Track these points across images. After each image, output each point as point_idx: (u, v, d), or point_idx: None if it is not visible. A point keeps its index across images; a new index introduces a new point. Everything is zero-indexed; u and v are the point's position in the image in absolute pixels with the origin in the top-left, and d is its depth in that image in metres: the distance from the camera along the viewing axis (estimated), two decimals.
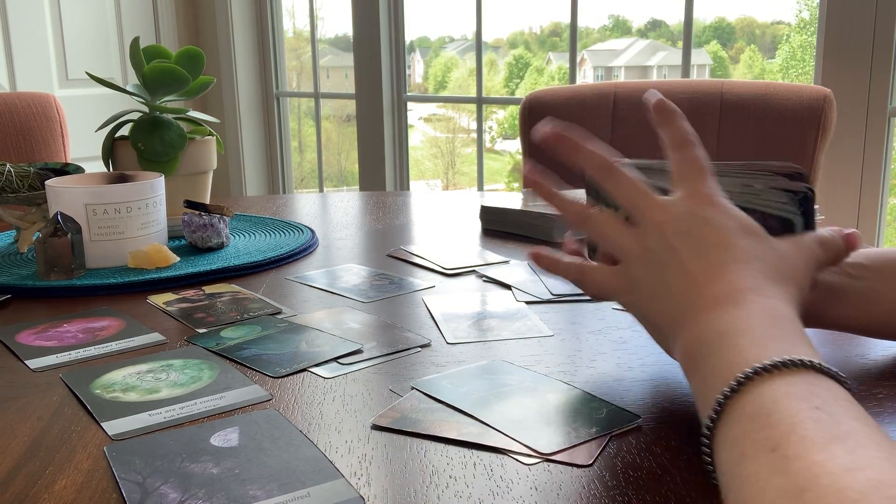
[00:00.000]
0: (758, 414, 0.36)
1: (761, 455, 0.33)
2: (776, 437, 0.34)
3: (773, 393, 0.36)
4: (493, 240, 1.01)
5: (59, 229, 0.81)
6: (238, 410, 0.52)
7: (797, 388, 0.36)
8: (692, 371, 0.43)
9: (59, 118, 1.61)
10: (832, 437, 0.32)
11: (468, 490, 0.42)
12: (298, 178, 3.37)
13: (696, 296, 0.45)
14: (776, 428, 0.34)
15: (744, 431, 0.36)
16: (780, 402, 0.36)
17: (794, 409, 0.35)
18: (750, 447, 0.34)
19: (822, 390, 0.36)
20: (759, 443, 0.34)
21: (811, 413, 0.34)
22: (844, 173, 1.86)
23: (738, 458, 0.35)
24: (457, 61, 3.72)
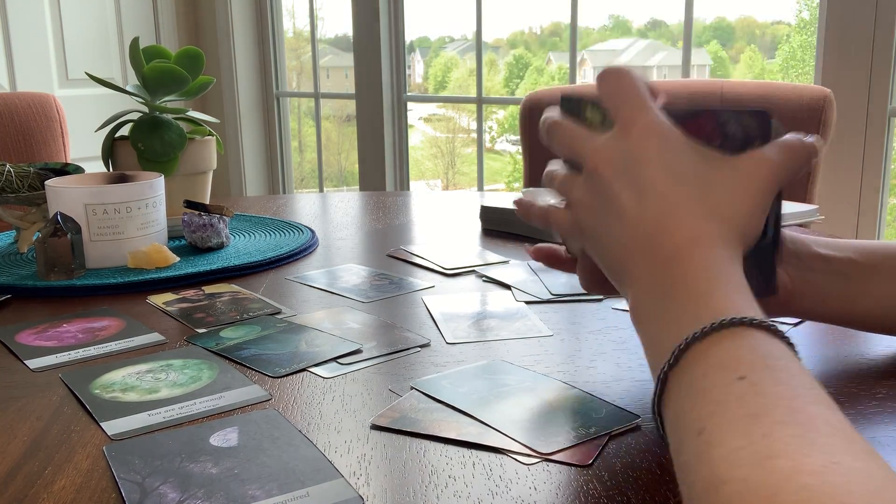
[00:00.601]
0: (689, 391, 0.36)
1: (692, 440, 0.33)
2: (702, 418, 0.34)
3: (704, 364, 0.36)
4: (493, 240, 1.01)
5: (59, 229, 0.81)
6: (237, 410, 0.52)
7: (724, 355, 0.36)
8: (640, 335, 0.44)
9: (59, 118, 1.61)
10: (752, 414, 0.32)
11: (467, 490, 0.42)
12: (298, 178, 3.37)
13: (637, 248, 0.44)
14: (703, 407, 0.34)
15: (680, 411, 0.36)
16: (709, 374, 0.36)
17: (719, 382, 0.35)
18: (684, 430, 0.35)
19: (748, 352, 0.36)
20: (690, 425, 0.34)
21: (735, 386, 0.34)
22: (844, 173, 1.86)
23: (677, 440, 0.35)
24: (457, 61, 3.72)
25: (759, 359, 0.35)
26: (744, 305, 0.39)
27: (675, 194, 0.44)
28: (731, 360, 0.36)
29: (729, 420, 0.32)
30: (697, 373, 0.36)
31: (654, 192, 0.44)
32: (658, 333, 0.41)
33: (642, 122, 0.46)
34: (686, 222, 0.43)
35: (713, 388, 0.35)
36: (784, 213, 1.00)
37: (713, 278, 0.41)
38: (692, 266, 0.41)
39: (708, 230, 0.43)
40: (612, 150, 0.46)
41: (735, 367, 0.35)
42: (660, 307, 0.42)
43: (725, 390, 0.34)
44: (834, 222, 1.87)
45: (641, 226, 0.44)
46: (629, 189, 0.44)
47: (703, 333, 0.37)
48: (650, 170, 0.44)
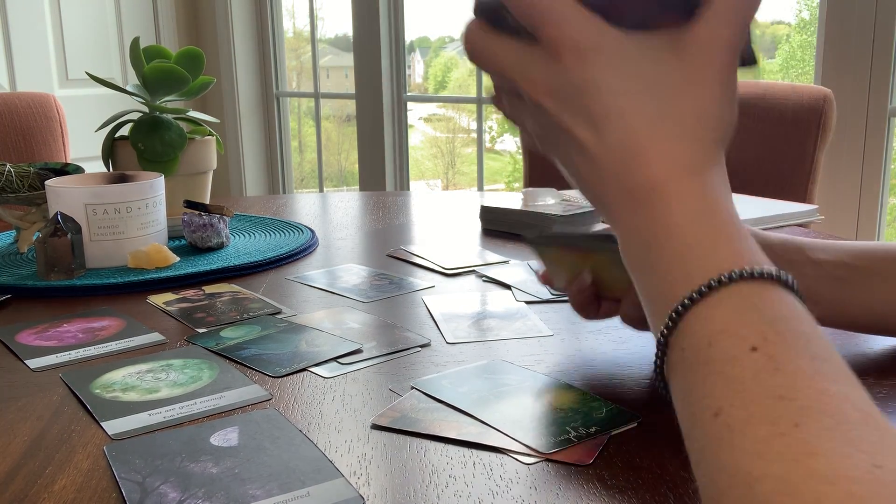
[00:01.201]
0: (697, 361, 0.33)
1: (707, 421, 0.31)
2: (718, 397, 0.31)
3: (708, 330, 0.33)
4: (493, 240, 1.01)
5: (59, 229, 0.81)
6: (238, 410, 0.52)
7: (729, 319, 0.33)
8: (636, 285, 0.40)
9: (59, 118, 1.61)
10: (776, 396, 0.30)
11: (468, 489, 0.42)
12: (298, 178, 3.37)
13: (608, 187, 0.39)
14: (716, 384, 0.32)
15: (689, 385, 0.33)
16: (716, 343, 0.33)
17: (728, 354, 0.32)
18: (697, 406, 0.32)
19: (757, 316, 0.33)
20: (704, 402, 0.32)
21: (748, 360, 0.31)
22: (844, 173, 1.86)
23: (690, 419, 0.33)
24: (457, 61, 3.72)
25: (770, 323, 0.32)
26: (739, 252, 0.35)
27: (633, 118, 0.38)
28: (738, 326, 0.33)
29: (749, 402, 0.30)
30: (702, 341, 0.33)
31: (609, 121, 0.38)
32: (651, 287, 0.37)
33: (571, 41, 0.38)
34: (654, 149, 0.38)
35: (724, 361, 0.32)
36: (784, 214, 1.00)
37: (700, 220, 0.36)
38: (674, 206, 0.37)
39: (682, 151, 0.38)
40: (550, 79, 0.39)
41: (744, 336, 0.32)
42: (648, 255, 0.38)
43: (739, 364, 0.31)
44: (834, 222, 1.87)
45: (607, 161, 0.39)
46: (581, 121, 0.39)
47: (699, 295, 0.34)
48: (597, 96, 0.38)
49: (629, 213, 0.39)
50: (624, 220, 0.39)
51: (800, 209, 1.02)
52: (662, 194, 0.37)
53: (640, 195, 0.38)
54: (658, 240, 0.37)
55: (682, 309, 0.34)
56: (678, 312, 0.35)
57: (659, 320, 0.36)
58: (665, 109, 0.38)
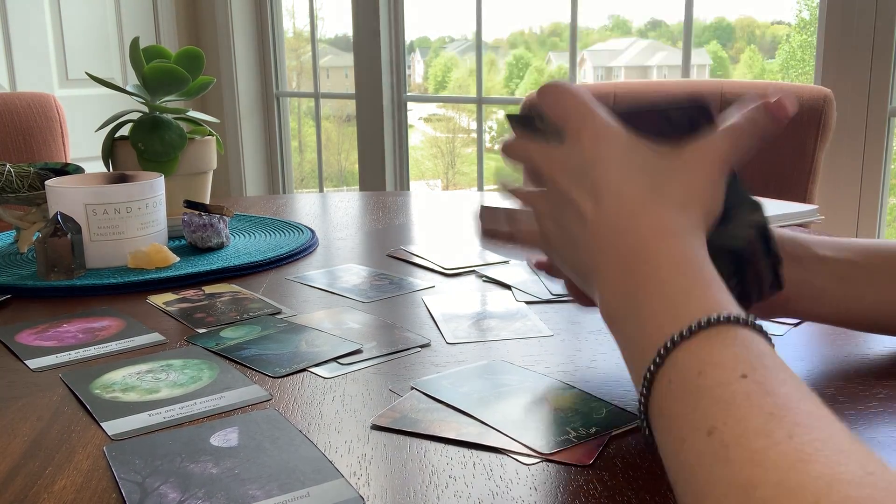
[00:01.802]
0: (685, 390, 0.35)
1: (699, 439, 0.33)
2: (710, 418, 0.33)
3: (698, 363, 0.36)
4: (493, 240, 1.01)
5: (59, 229, 0.81)
6: (238, 410, 0.52)
7: (719, 353, 0.35)
8: (614, 334, 0.44)
9: (59, 118, 1.61)
10: (768, 413, 0.32)
11: (468, 490, 0.42)
12: (298, 178, 3.37)
13: (599, 251, 0.44)
14: (708, 407, 0.33)
15: (677, 412, 0.35)
16: (706, 373, 0.35)
17: (720, 380, 0.34)
18: (687, 429, 0.34)
19: (743, 350, 0.35)
20: (694, 423, 0.33)
21: (740, 385, 0.33)
22: (844, 173, 1.86)
23: (678, 442, 0.34)
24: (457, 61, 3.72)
25: (756, 357, 0.35)
26: (722, 301, 0.39)
27: (632, 190, 0.44)
28: (727, 359, 0.35)
29: (742, 419, 0.32)
30: (691, 372, 0.35)
31: (611, 193, 0.44)
32: (634, 332, 0.40)
33: (591, 127, 0.46)
34: (646, 215, 0.43)
35: (715, 386, 0.34)
36: (784, 213, 1.00)
37: (685, 272, 0.40)
38: (661, 260, 0.41)
39: (669, 219, 0.43)
40: (566, 158, 0.47)
41: (733, 366, 0.34)
42: (633, 304, 0.41)
43: (730, 388, 0.33)
44: (834, 222, 1.87)
45: (603, 226, 0.44)
46: (587, 194, 0.45)
47: (690, 332, 0.37)
48: (604, 171, 0.45)
49: (617, 265, 0.43)
50: (611, 273, 0.43)
51: (800, 209, 1.02)
52: (651, 251, 0.42)
53: (630, 254, 0.42)
54: (646, 290, 0.41)
55: (670, 345, 0.37)
56: (667, 349, 0.37)
57: (642, 362, 0.39)
58: (659, 187, 0.44)
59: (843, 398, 0.52)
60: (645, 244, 0.42)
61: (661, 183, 0.44)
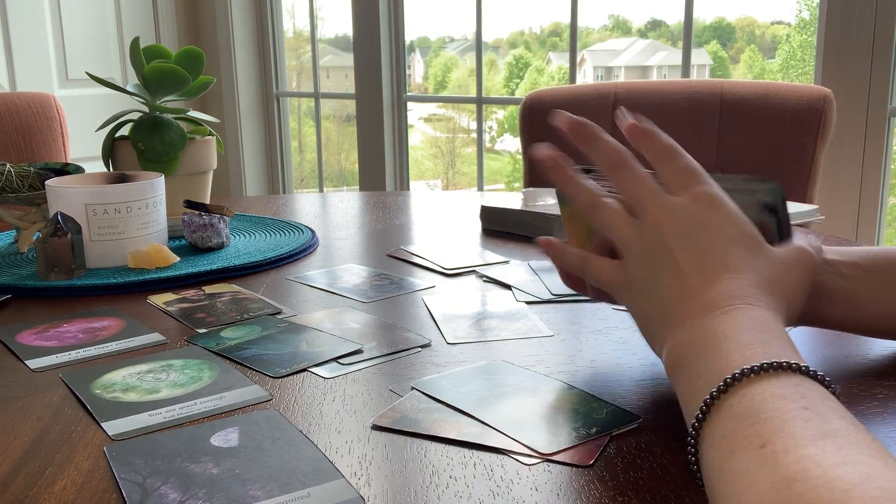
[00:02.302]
0: (746, 413, 0.36)
1: (750, 450, 0.34)
2: (765, 434, 0.34)
3: (762, 393, 0.37)
4: (493, 240, 1.01)
5: (59, 229, 0.81)
6: (238, 410, 0.52)
7: (785, 389, 0.37)
8: (678, 373, 0.44)
9: (59, 118, 1.61)
10: (821, 434, 0.33)
11: (468, 490, 0.42)
12: (298, 178, 3.37)
13: (687, 300, 0.46)
14: (765, 425, 0.34)
15: (732, 430, 0.36)
16: (769, 401, 0.36)
17: (782, 408, 0.35)
18: (738, 444, 0.35)
19: (809, 391, 0.37)
20: (748, 439, 0.34)
21: (800, 412, 0.35)
22: (844, 173, 1.86)
23: (726, 455, 0.35)
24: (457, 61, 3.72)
25: (818, 396, 0.36)
26: (791, 351, 0.40)
27: (733, 263, 0.46)
28: (791, 394, 0.36)
29: (798, 436, 0.33)
30: (755, 399, 0.37)
31: (713, 257, 0.47)
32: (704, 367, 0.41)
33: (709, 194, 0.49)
34: (740, 286, 0.45)
35: (776, 412, 0.35)
36: None
37: (766, 330, 0.42)
38: (746, 316, 0.43)
39: (760, 297, 0.45)
40: (678, 211, 0.48)
41: (797, 399, 0.36)
42: (708, 346, 0.42)
43: (790, 414, 0.35)
44: (834, 222, 1.87)
45: (696, 282, 0.46)
46: (689, 250, 0.47)
47: (760, 368, 0.38)
48: (714, 237, 0.47)
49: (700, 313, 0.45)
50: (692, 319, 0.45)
51: (800, 209, 1.02)
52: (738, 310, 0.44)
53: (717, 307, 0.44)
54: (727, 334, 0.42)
55: (739, 375, 0.38)
56: (735, 377, 0.38)
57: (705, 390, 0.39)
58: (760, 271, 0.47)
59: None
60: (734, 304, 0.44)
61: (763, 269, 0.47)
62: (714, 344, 0.42)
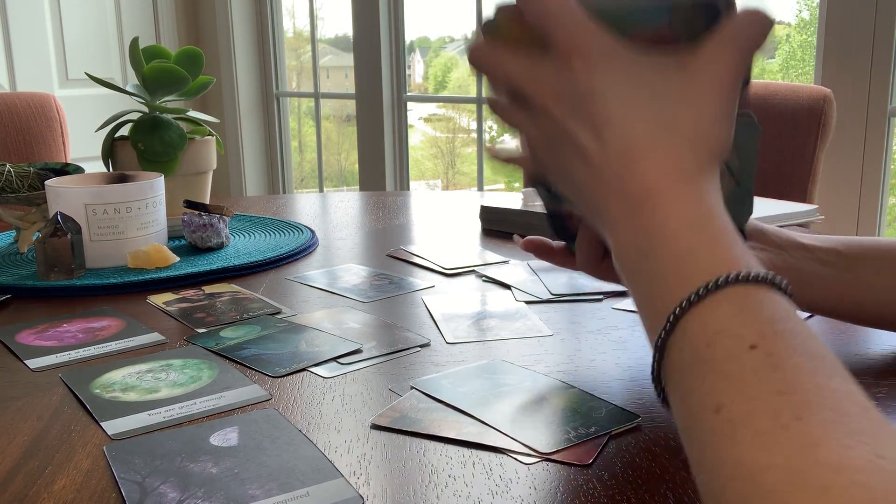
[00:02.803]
0: (696, 361, 0.34)
1: (707, 417, 0.32)
2: (718, 393, 0.32)
3: (706, 332, 0.34)
4: (493, 240, 1.01)
5: (59, 229, 0.81)
6: (237, 410, 0.52)
7: (728, 320, 0.34)
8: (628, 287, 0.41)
9: (59, 118, 1.61)
10: (776, 391, 0.30)
11: (467, 489, 0.42)
12: (298, 178, 3.37)
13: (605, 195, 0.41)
14: (716, 381, 0.32)
15: (687, 383, 0.34)
16: (714, 344, 0.33)
17: (728, 353, 0.33)
18: (696, 403, 0.33)
19: (753, 316, 0.34)
20: (703, 400, 0.32)
21: (748, 357, 0.32)
22: (844, 173, 1.86)
23: (690, 416, 0.33)
24: (457, 61, 3.72)
25: (767, 322, 0.33)
26: (733, 257, 0.36)
27: (636, 126, 0.40)
28: (735, 326, 0.33)
29: (751, 397, 0.31)
30: (700, 342, 0.34)
31: (613, 128, 0.40)
32: (647, 292, 0.38)
33: (581, 48, 0.41)
34: (653, 157, 0.39)
35: (723, 359, 0.33)
36: (784, 214, 1.00)
37: (695, 227, 0.37)
38: (670, 212, 0.38)
39: (679, 161, 0.39)
40: (558, 84, 0.42)
41: (742, 335, 0.33)
42: (643, 262, 0.39)
43: (738, 362, 0.32)
44: (834, 222, 1.87)
45: (607, 166, 0.40)
46: (585, 127, 0.41)
47: (697, 297, 0.35)
48: (604, 102, 0.40)
49: (626, 218, 0.40)
50: (620, 226, 0.40)
51: (800, 209, 1.02)
52: (659, 199, 0.38)
53: (637, 200, 0.39)
54: (654, 245, 0.38)
55: (679, 312, 0.35)
56: (676, 315, 0.35)
57: (655, 325, 0.37)
58: (665, 120, 0.40)
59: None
60: (653, 193, 0.39)
61: (667, 113, 0.40)
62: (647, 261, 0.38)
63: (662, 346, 0.36)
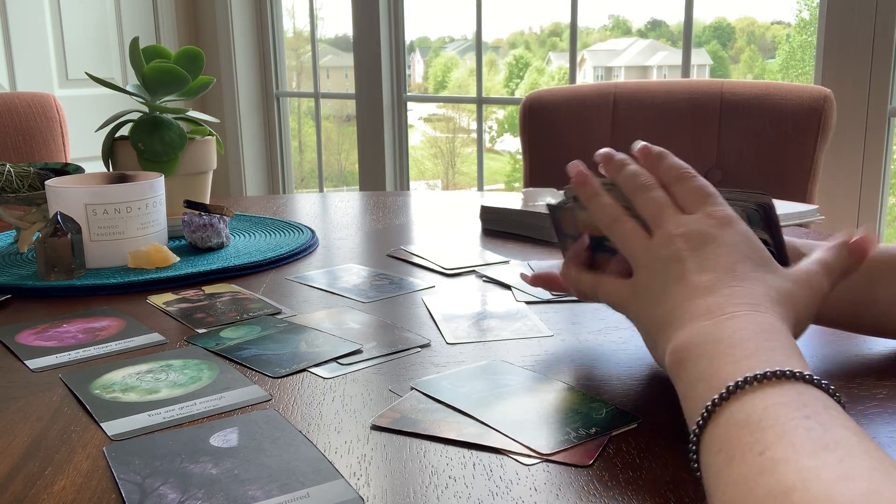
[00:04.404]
0: (747, 420, 0.36)
1: (749, 457, 0.33)
2: (765, 442, 0.34)
3: (763, 401, 0.36)
4: (493, 240, 1.01)
5: (59, 229, 0.81)
6: (237, 411, 0.52)
7: (787, 397, 0.36)
8: (679, 374, 0.43)
9: (59, 118, 1.61)
10: (823, 445, 0.32)
11: (467, 490, 0.42)
12: (298, 178, 3.37)
13: (693, 303, 0.45)
14: (766, 433, 0.34)
15: (732, 436, 0.36)
16: (770, 409, 0.36)
17: (783, 416, 0.35)
18: (738, 450, 0.34)
19: (812, 400, 0.36)
20: (748, 446, 0.34)
21: (802, 421, 0.34)
22: (844, 173, 1.86)
23: (726, 461, 0.35)
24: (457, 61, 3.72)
25: (821, 406, 0.36)
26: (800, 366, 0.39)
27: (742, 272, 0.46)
28: (794, 402, 0.36)
29: (799, 445, 0.32)
30: (757, 406, 0.36)
31: (722, 266, 0.47)
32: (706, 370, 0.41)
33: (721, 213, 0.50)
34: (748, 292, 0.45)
35: (777, 420, 0.35)
36: (784, 214, 1.00)
37: (773, 337, 0.41)
38: (752, 322, 0.42)
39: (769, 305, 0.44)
40: (692, 228, 0.49)
41: (799, 408, 0.35)
42: (711, 349, 0.42)
43: (791, 423, 0.34)
44: (834, 222, 1.87)
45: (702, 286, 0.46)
46: (698, 259, 0.47)
47: (763, 376, 0.37)
48: (724, 249, 0.47)
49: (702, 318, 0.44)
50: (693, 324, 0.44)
51: (800, 209, 1.02)
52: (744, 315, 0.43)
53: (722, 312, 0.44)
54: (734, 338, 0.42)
55: (742, 383, 0.38)
56: (738, 385, 0.38)
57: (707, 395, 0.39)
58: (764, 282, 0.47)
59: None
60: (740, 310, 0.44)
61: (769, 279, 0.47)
62: (718, 348, 0.41)
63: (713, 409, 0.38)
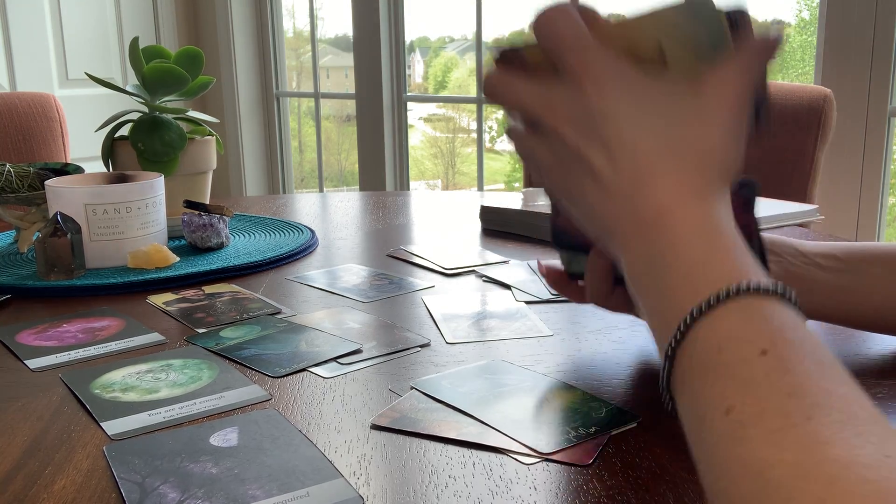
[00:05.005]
0: (706, 367, 0.34)
1: (717, 418, 0.32)
2: (728, 396, 0.32)
3: (717, 338, 0.34)
4: (493, 240, 1.01)
5: (59, 229, 0.81)
6: (237, 410, 0.52)
7: (738, 328, 0.34)
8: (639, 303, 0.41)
9: (59, 118, 1.61)
10: (786, 394, 0.31)
11: (467, 490, 0.42)
12: (298, 178, 3.37)
13: (616, 216, 0.42)
14: (727, 385, 0.33)
15: (697, 388, 0.34)
16: (724, 350, 0.34)
17: (739, 358, 0.33)
18: (706, 406, 0.33)
19: (764, 324, 0.34)
20: (713, 403, 0.33)
21: (759, 362, 0.32)
22: (844, 173, 1.86)
23: (698, 420, 0.34)
24: (457, 61, 3.72)
25: (777, 331, 0.34)
26: (743, 268, 0.37)
27: (647, 147, 0.41)
28: (746, 333, 0.34)
29: (761, 398, 0.31)
30: (711, 347, 0.34)
31: (624, 149, 0.41)
32: (658, 305, 0.39)
33: (592, 71, 0.42)
34: (664, 178, 0.40)
35: (734, 364, 0.33)
36: (784, 214, 1.00)
37: (705, 240, 0.38)
38: (680, 229, 0.39)
39: (689, 181, 0.40)
40: (569, 107, 0.43)
41: (753, 341, 0.33)
42: (655, 277, 0.39)
43: (749, 367, 0.32)
44: (834, 222, 1.87)
45: (618, 187, 0.41)
46: (597, 149, 0.42)
47: (708, 307, 0.35)
48: (615, 124, 0.41)
49: (637, 237, 0.41)
50: (632, 244, 0.41)
51: (800, 209, 1.02)
52: (670, 217, 0.40)
53: (649, 218, 0.40)
54: (665, 260, 0.39)
55: (690, 320, 0.36)
56: (686, 324, 0.36)
57: (666, 335, 0.37)
58: (676, 141, 0.41)
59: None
60: (664, 212, 0.40)
61: (677, 135, 0.41)
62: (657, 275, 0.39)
63: (672, 355, 0.37)
